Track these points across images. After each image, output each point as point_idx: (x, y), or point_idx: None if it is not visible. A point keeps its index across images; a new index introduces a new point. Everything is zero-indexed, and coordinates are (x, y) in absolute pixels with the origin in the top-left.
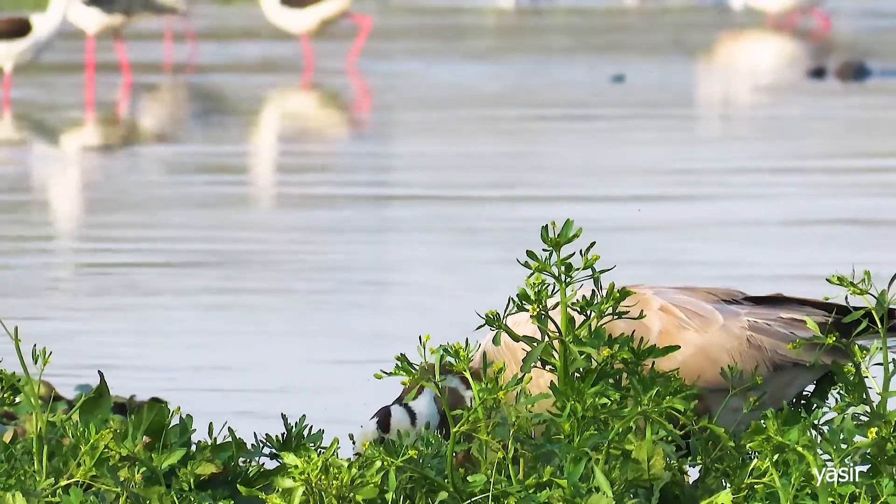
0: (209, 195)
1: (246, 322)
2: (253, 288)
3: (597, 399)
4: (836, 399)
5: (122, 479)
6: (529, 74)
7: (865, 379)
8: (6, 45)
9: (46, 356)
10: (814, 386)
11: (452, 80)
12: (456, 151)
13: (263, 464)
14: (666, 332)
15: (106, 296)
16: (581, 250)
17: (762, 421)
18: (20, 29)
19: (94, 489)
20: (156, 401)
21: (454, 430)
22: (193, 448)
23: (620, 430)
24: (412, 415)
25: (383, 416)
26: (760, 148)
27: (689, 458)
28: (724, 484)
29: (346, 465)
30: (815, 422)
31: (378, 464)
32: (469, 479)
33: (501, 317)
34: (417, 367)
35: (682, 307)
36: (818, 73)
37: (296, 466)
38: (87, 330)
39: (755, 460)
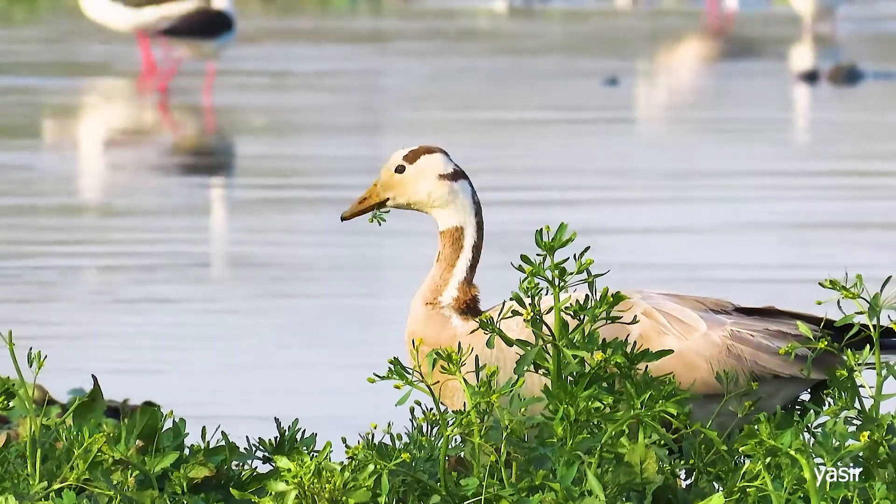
0: (197, 199)
1: (237, 326)
2: (243, 292)
3: (590, 403)
4: (829, 403)
5: (115, 482)
6: (522, 77)
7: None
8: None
9: (41, 360)
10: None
11: (444, 81)
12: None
13: (256, 467)
14: (645, 335)
15: (98, 300)
16: (575, 254)
17: (755, 425)
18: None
19: (87, 493)
20: (149, 405)
21: (447, 433)
22: (186, 452)
23: (613, 433)
24: (471, 188)
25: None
26: (753, 151)
27: (682, 462)
28: (716, 487)
29: (338, 468)
30: (808, 425)
31: (371, 467)
32: (462, 482)
33: (495, 320)
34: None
35: (665, 313)
36: (811, 76)
37: (289, 470)
38: (81, 334)
39: (747, 464)
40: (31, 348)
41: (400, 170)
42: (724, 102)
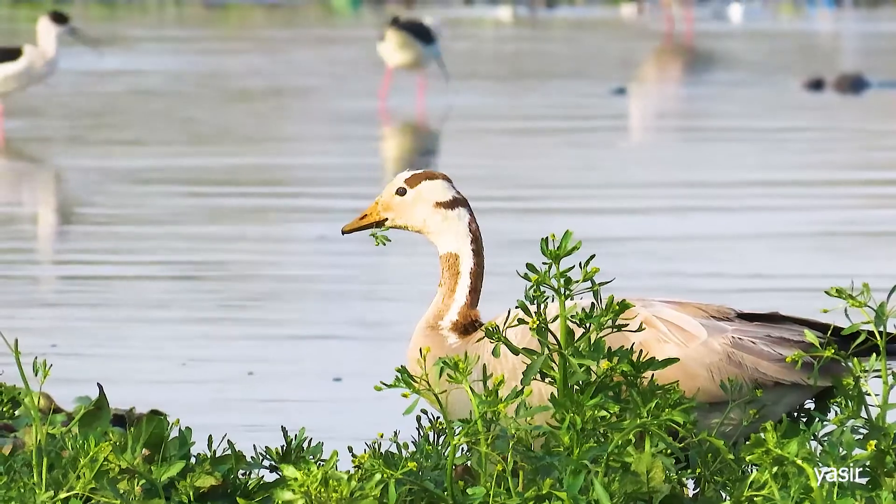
0: (195, 208)
1: (243, 335)
2: (248, 300)
3: (596, 411)
4: (836, 412)
5: (121, 491)
6: (529, 86)
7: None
8: None
9: (46, 368)
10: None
11: (451, 91)
12: (456, 163)
13: (263, 476)
14: (645, 344)
15: (104, 308)
16: (581, 263)
17: (761, 433)
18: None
19: (93, 501)
20: (155, 413)
21: (453, 442)
22: (193, 460)
23: (620, 442)
24: (469, 216)
25: None
26: (758, 160)
27: (689, 471)
28: (722, 496)
29: (345, 477)
30: (815, 434)
31: (378, 476)
32: (468, 491)
33: (501, 329)
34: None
35: (665, 321)
36: (816, 84)
37: (295, 479)
38: (87, 342)
39: (754, 473)
40: (35, 357)
41: (401, 192)
42: (731, 111)
